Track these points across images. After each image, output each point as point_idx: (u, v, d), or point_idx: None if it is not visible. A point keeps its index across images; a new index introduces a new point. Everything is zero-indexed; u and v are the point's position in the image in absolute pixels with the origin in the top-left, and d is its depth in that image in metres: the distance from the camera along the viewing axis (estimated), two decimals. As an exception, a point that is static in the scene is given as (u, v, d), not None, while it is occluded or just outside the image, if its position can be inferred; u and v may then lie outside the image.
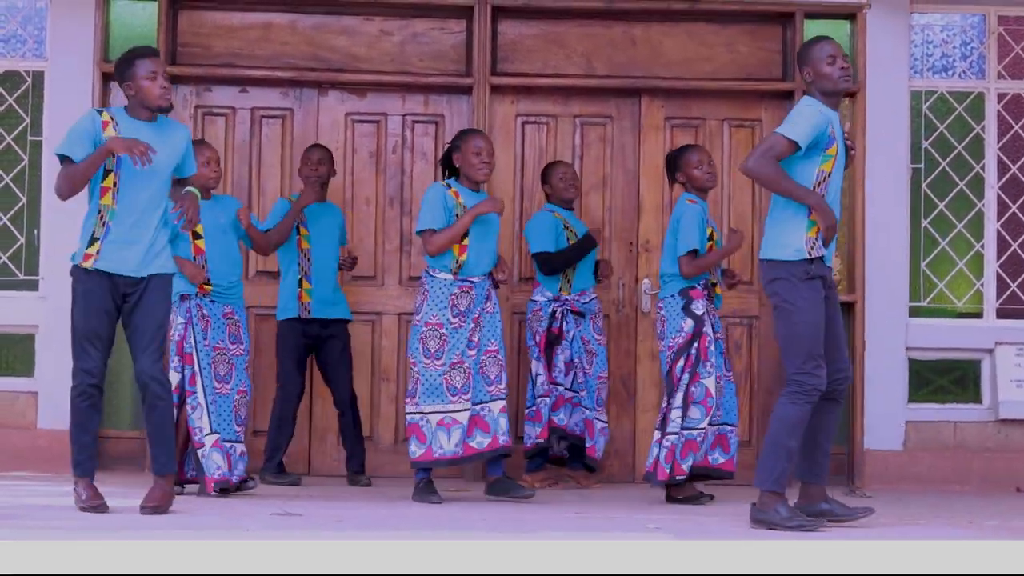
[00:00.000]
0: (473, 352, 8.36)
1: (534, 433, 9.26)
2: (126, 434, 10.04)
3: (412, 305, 10.19)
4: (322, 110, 10.38)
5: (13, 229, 10.14)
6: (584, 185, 10.36)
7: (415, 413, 8.31)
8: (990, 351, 10.30)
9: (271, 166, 10.27)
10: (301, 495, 8.54)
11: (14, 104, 10.20)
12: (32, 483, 9.04)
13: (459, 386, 8.31)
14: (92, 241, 7.27)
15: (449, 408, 8.30)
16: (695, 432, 8.50)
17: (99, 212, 7.27)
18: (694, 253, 8.60)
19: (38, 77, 10.21)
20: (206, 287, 8.48)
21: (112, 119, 7.32)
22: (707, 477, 8.70)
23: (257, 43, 10.37)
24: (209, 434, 8.31)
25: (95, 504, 7.25)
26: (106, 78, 10.12)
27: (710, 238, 8.74)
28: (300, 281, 9.42)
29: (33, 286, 10.09)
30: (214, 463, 8.30)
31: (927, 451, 10.15)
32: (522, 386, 9.77)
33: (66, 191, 7.25)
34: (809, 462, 7.23)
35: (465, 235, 8.43)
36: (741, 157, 10.31)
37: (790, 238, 7.11)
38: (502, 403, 8.40)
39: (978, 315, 10.44)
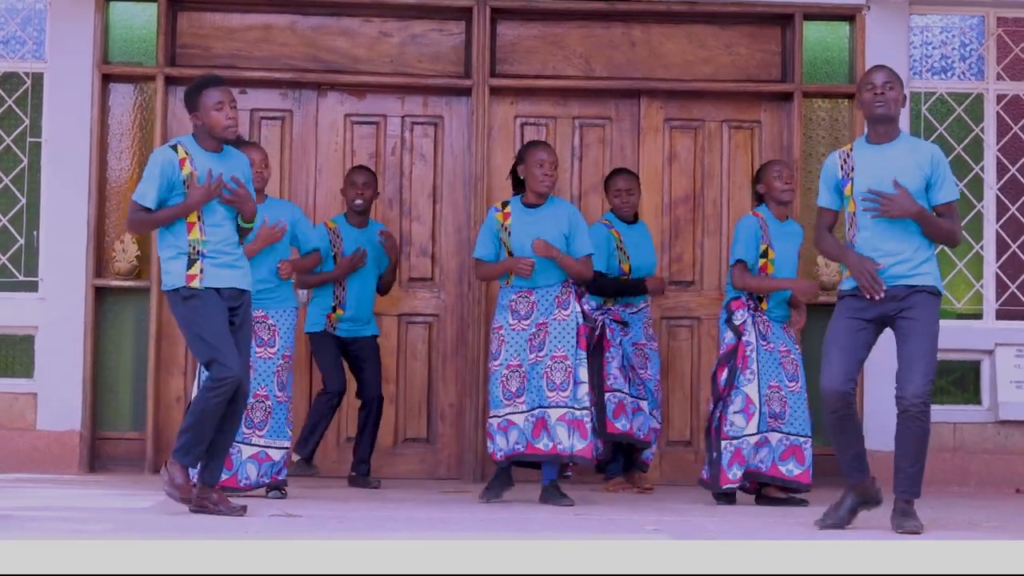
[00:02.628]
0: (536, 356, 8.37)
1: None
2: (126, 435, 10.05)
3: (410, 306, 10.22)
4: (321, 111, 10.38)
5: (12, 230, 10.14)
6: (583, 186, 10.38)
7: (489, 418, 8.50)
8: (990, 352, 10.30)
9: (270, 167, 10.26)
10: (301, 496, 8.54)
11: (13, 106, 10.20)
12: (32, 484, 9.04)
13: (514, 390, 8.37)
14: (191, 264, 7.32)
15: (504, 411, 8.37)
16: (739, 441, 8.57)
17: (190, 245, 7.33)
18: (744, 264, 8.72)
19: (37, 79, 10.21)
20: None
21: (188, 154, 7.34)
22: (784, 488, 8.76)
23: (256, 44, 10.37)
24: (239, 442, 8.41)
25: (186, 495, 7.26)
26: (105, 79, 10.13)
27: (764, 254, 8.79)
28: (334, 308, 9.45)
29: (32, 287, 10.09)
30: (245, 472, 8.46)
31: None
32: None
33: (136, 233, 7.54)
34: (894, 474, 7.26)
35: (510, 253, 8.48)
36: (741, 158, 10.35)
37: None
38: (562, 411, 8.29)
39: (978, 316, 10.44)
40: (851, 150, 7.27)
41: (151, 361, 9.93)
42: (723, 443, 8.56)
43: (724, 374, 8.65)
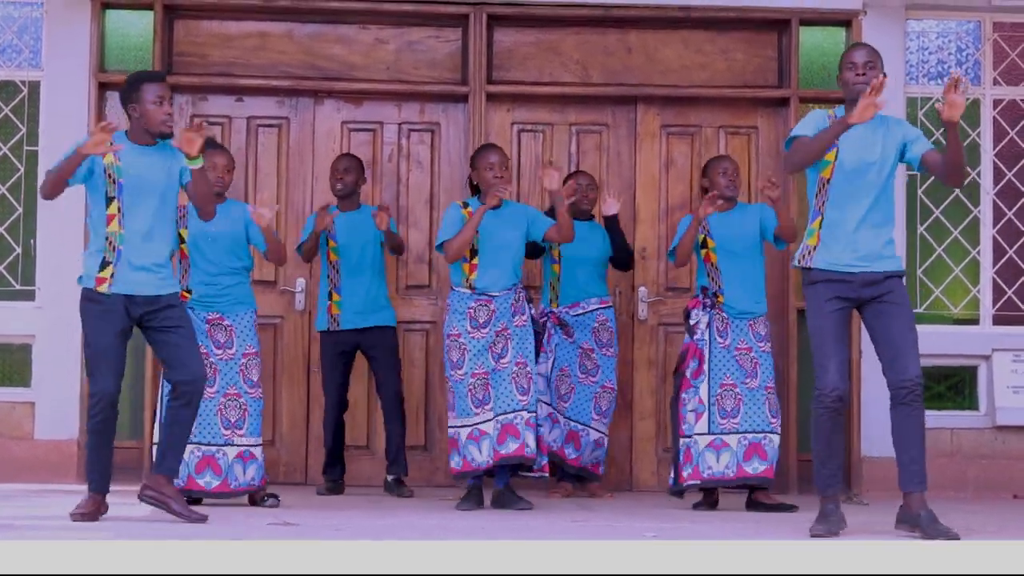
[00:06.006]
0: (502, 363, 8.42)
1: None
2: (123, 444, 10.00)
3: (408, 314, 10.22)
4: (318, 119, 10.39)
5: (9, 239, 10.14)
6: (580, 193, 10.39)
7: (451, 427, 8.47)
8: (987, 358, 10.30)
9: (267, 175, 10.28)
10: (297, 505, 8.53)
11: (10, 114, 10.20)
12: (30, 494, 9.03)
13: (480, 398, 8.39)
14: (104, 265, 7.28)
15: (475, 421, 8.39)
16: (690, 440, 8.63)
17: (107, 239, 7.29)
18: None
19: (34, 87, 10.21)
20: (185, 294, 8.43)
21: (112, 143, 7.27)
22: (745, 486, 8.80)
23: (253, 52, 10.38)
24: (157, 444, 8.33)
25: (85, 512, 7.30)
26: (102, 87, 10.13)
27: (704, 244, 8.80)
28: (330, 293, 9.47)
29: (30, 296, 10.10)
30: None
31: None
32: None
33: (46, 196, 7.33)
34: (899, 471, 7.20)
35: (475, 254, 8.48)
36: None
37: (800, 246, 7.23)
38: (528, 415, 8.39)
39: (974, 322, 10.44)
40: (834, 116, 7.23)
41: (147, 370, 9.92)
42: (680, 441, 8.64)
43: (680, 373, 8.74)
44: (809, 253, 7.12)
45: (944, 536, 6.94)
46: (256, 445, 8.56)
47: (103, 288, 7.28)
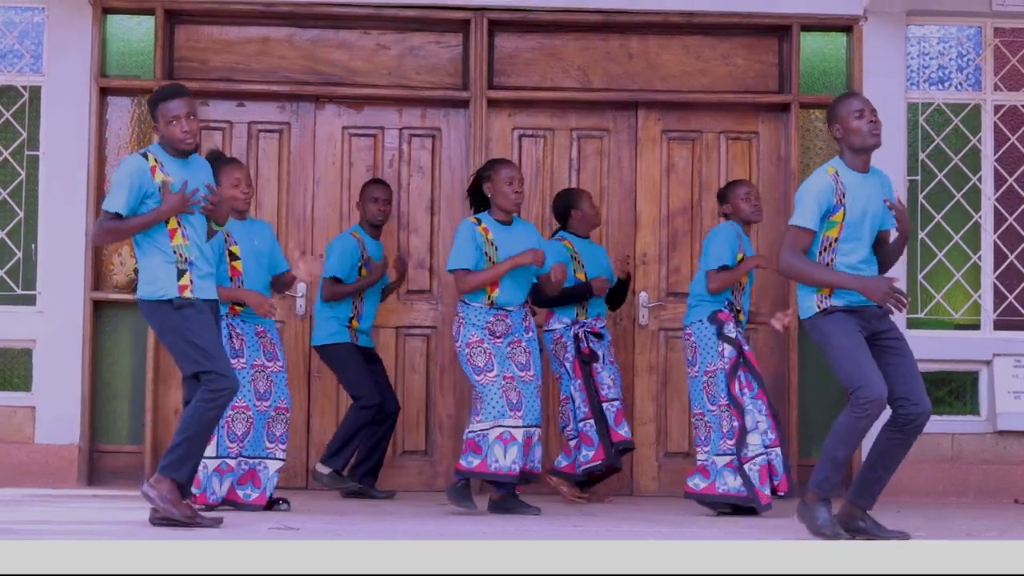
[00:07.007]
0: (529, 375, 8.43)
1: (590, 455, 9.15)
2: (124, 448, 10.06)
3: (409, 319, 10.22)
4: (319, 124, 10.39)
5: (11, 244, 10.14)
6: (581, 198, 10.40)
7: (475, 430, 8.35)
8: (988, 363, 10.30)
9: (268, 180, 10.28)
10: (299, 509, 8.53)
11: (11, 119, 10.20)
12: (31, 499, 9.03)
13: (515, 402, 8.34)
14: (181, 274, 7.27)
15: (507, 423, 8.32)
16: (760, 458, 8.58)
17: (175, 252, 7.27)
18: (724, 269, 8.73)
19: (35, 92, 10.22)
20: (237, 308, 8.45)
21: (157, 161, 7.28)
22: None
23: (254, 57, 10.38)
24: (213, 457, 8.20)
25: (186, 513, 7.14)
26: (103, 92, 10.14)
27: (739, 263, 8.82)
28: (351, 319, 9.47)
29: (31, 301, 10.10)
30: (212, 488, 8.25)
31: (925, 463, 10.14)
32: (552, 412, 9.77)
33: (104, 243, 7.36)
34: (861, 485, 7.20)
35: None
36: (738, 169, 10.34)
37: (805, 300, 7.18)
38: (538, 430, 8.45)
39: (975, 327, 10.44)
40: (837, 175, 7.19)
41: (149, 374, 9.93)
42: (746, 466, 8.55)
43: (736, 386, 8.61)
44: (826, 298, 7.11)
45: (888, 537, 7.06)
46: (282, 460, 8.58)
47: (187, 294, 7.27)
